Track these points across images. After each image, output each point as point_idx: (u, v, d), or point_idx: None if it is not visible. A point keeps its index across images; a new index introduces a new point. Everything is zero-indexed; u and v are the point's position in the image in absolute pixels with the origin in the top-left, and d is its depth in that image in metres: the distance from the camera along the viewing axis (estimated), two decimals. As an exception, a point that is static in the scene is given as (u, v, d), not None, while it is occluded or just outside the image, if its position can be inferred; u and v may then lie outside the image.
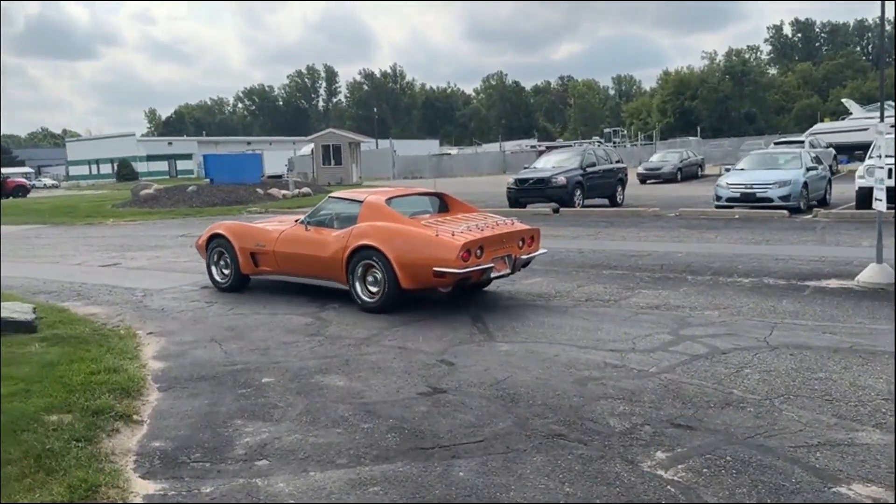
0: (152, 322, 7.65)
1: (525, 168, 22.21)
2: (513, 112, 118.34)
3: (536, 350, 6.05)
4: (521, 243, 7.98)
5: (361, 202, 8.18)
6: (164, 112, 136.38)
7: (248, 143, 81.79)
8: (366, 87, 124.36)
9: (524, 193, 19.64)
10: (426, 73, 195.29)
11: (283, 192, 29.05)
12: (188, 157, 77.72)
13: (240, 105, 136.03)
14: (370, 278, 7.68)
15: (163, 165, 75.82)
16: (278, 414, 4.78)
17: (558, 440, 4.18)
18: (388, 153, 52.28)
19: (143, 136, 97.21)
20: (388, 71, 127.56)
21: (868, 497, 3.37)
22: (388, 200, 8.16)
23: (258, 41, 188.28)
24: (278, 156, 52.40)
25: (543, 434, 4.27)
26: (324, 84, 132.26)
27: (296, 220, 8.86)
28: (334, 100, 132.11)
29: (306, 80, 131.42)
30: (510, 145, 68.55)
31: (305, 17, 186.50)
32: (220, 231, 9.25)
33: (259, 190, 28.65)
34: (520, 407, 4.74)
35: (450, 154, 64.18)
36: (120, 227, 20.06)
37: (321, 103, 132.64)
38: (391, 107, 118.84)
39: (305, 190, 30.32)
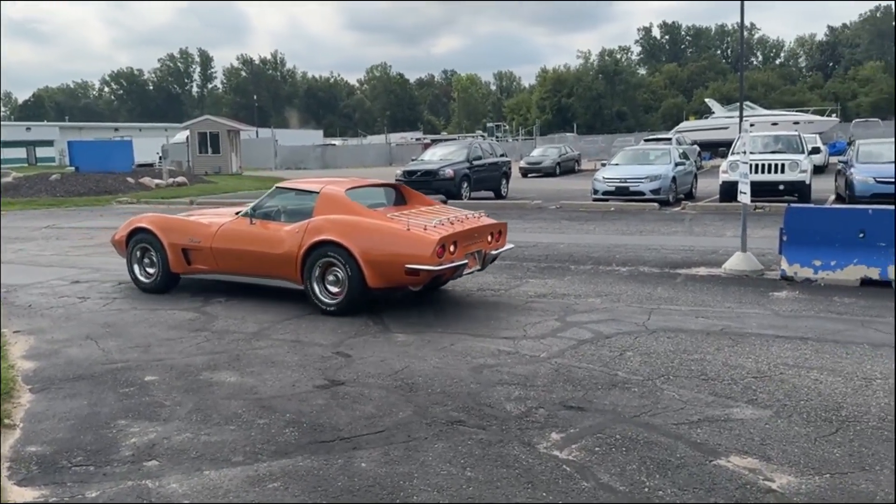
0: (18, 319, 7.09)
1: (413, 160, 22.33)
2: (397, 104, 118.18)
3: (432, 339, 6.10)
4: (490, 238, 7.59)
5: (317, 193, 7.42)
6: (21, 95, 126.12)
7: (116, 129, 76.90)
8: (244, 74, 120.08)
9: (412, 185, 19.61)
10: (307, 62, 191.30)
11: (157, 181, 27.68)
12: (49, 143, 72.12)
13: (106, 89, 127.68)
14: (330, 277, 7.01)
15: (20, 152, 69.81)
16: (166, 413, 4.57)
17: (458, 426, 4.24)
18: (270, 142, 50.89)
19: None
20: (269, 58, 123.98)
21: (745, 468, 3.65)
22: (348, 191, 7.48)
23: (123, 22, 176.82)
24: (150, 143, 49.58)
25: (443, 421, 4.32)
26: (198, 69, 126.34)
27: (236, 213, 8.06)
28: (210, 85, 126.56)
29: (179, 64, 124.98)
30: (396, 137, 68.67)
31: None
32: (143, 224, 8.28)
33: (130, 179, 27.14)
34: (419, 396, 4.77)
35: (334, 145, 63.33)
36: (-28, 218, 18.39)
37: (195, 89, 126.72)
38: (271, 95, 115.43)
39: (181, 179, 28.98)
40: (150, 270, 8.32)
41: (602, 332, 6.24)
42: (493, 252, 7.65)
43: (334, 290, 7.02)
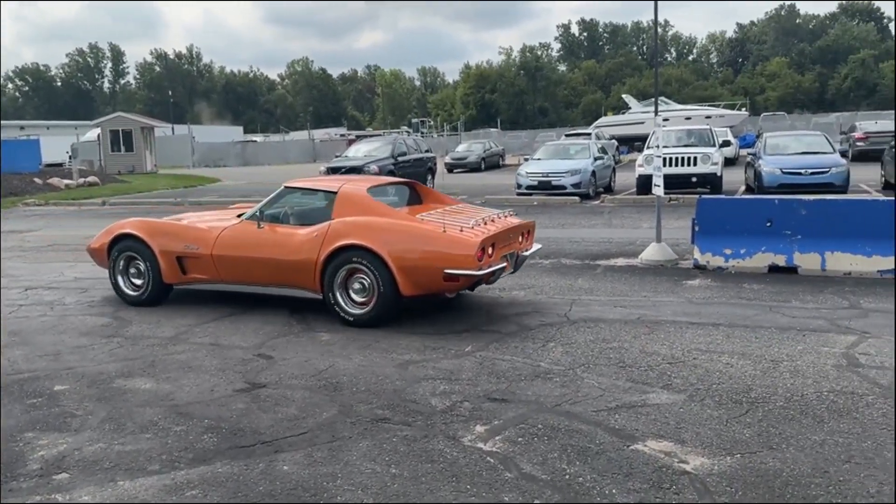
0: (-89, 331, 6.64)
1: (337, 157, 22.12)
2: (320, 100, 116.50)
3: (357, 337, 6.06)
4: (521, 238, 7.17)
5: (335, 193, 6.83)
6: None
7: (22, 127, 72.86)
8: (158, 69, 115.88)
9: (335, 182, 19.52)
10: (225, 57, 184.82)
11: (66, 181, 26.48)
12: (-54, 142, 67.92)
13: (10, 86, 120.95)
14: (356, 285, 6.42)
15: (-87, 152, 65.57)
16: (77, 423, 4.37)
17: (383, 424, 4.23)
18: (187, 139, 49.32)
19: None
20: (184, 52, 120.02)
21: (661, 451, 3.78)
22: (370, 189, 6.93)
23: (27, 17, 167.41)
24: (59, 141, 47.20)
25: (368, 419, 4.30)
26: (109, 64, 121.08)
27: (238, 215, 7.40)
28: (122, 81, 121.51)
29: (89, 59, 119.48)
30: (319, 133, 67.65)
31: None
32: (128, 230, 7.46)
33: (37, 179, 25.90)
34: (343, 395, 4.73)
35: (255, 141, 61.96)
36: None
37: (107, 85, 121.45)
38: (187, 91, 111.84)
39: (92, 179, 27.81)
40: (138, 282, 7.51)
41: (526, 325, 6.33)
42: (525, 253, 7.25)
43: (360, 299, 6.44)
